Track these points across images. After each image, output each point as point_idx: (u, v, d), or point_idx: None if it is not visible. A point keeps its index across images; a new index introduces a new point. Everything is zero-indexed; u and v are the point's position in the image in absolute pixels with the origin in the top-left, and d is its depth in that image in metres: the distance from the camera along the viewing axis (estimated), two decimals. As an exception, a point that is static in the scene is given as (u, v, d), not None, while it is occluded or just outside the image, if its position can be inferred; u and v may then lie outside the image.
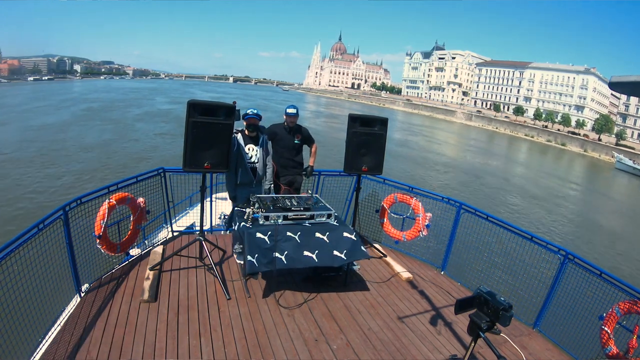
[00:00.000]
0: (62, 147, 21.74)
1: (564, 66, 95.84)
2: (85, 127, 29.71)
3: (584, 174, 44.43)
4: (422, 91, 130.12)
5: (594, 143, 68.78)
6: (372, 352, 3.34)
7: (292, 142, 5.19)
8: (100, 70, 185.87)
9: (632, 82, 1.90)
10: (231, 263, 4.56)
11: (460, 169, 30.62)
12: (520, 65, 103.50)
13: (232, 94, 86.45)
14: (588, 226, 19.82)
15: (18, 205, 12.62)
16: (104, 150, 21.99)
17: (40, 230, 3.12)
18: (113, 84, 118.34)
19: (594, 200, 29.36)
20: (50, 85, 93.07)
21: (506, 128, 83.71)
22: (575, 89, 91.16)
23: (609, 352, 3.48)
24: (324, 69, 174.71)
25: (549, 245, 4.21)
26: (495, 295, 2.18)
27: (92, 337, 3.08)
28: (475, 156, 40.08)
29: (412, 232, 5.22)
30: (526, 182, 29.75)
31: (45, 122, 31.07)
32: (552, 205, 22.89)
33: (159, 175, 4.75)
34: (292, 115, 5.10)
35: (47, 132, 26.39)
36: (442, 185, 22.63)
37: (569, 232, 17.78)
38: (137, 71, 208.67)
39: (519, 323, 4.20)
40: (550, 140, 73.55)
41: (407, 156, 32.54)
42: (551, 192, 27.17)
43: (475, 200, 18.36)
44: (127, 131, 29.53)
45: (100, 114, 38.54)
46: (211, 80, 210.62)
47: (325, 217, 4.10)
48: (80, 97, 58.62)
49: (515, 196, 23.54)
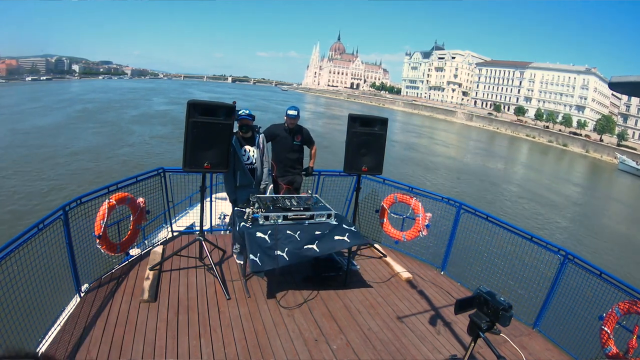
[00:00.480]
0: (49, 154, 19.50)
1: (564, 66, 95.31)
2: (77, 130, 27.73)
3: (587, 175, 43.97)
4: (421, 91, 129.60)
5: (596, 144, 68.23)
6: (372, 352, 3.34)
7: (292, 143, 5.17)
8: (99, 71, 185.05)
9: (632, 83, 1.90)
10: (231, 263, 4.56)
11: (464, 171, 29.91)
12: (521, 65, 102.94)
13: (231, 94, 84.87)
14: (593, 228, 19.58)
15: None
16: (94, 156, 20.23)
17: (40, 230, 3.12)
18: (111, 84, 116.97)
19: (598, 202, 28.98)
20: (47, 86, 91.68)
21: (507, 128, 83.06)
22: (576, 89, 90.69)
23: (609, 352, 3.48)
24: (322, 68, 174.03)
25: (549, 246, 4.21)
26: (495, 295, 2.18)
27: (92, 337, 3.08)
28: (476, 158, 39.67)
29: (412, 232, 5.22)
30: (529, 184, 29.30)
31: (36, 124, 29.23)
32: (556, 208, 22.71)
33: (158, 175, 4.75)
34: (293, 117, 5.08)
35: (36, 136, 24.31)
36: (447, 189, 21.90)
37: (573, 235, 17.61)
38: (136, 71, 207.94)
39: (518, 323, 4.20)
40: (552, 141, 72.95)
41: (411, 159, 31.46)
42: (555, 194, 26.84)
43: (480, 204, 17.97)
44: (123, 135, 27.71)
45: (95, 116, 36.70)
46: (210, 80, 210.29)
47: (325, 217, 4.10)
48: (76, 98, 56.55)
49: (518, 199, 23.22)
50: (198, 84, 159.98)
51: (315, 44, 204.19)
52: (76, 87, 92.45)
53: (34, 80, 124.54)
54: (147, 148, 24.20)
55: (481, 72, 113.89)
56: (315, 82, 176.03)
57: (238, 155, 4.51)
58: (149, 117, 38.76)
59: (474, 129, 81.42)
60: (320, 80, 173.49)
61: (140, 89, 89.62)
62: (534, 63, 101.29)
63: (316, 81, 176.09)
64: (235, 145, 4.46)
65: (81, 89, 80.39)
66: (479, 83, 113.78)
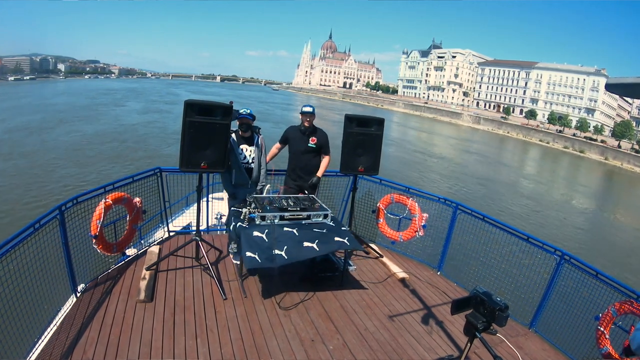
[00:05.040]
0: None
1: (573, 67, 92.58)
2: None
3: (614, 187, 40.82)
4: (420, 91, 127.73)
5: (615, 150, 64.60)
6: (368, 353, 3.35)
7: (305, 145, 4.82)
8: (85, 70, 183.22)
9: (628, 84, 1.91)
10: (227, 263, 4.55)
11: (482, 184, 27.98)
12: (527, 66, 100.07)
13: (224, 95, 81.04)
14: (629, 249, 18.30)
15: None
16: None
17: (36, 230, 3.11)
18: (92, 84, 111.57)
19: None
20: (21, 87, 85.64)
21: (518, 133, 78.82)
22: (586, 91, 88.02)
23: (605, 352, 3.50)
24: (314, 67, 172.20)
25: (545, 246, 4.22)
26: (492, 296, 2.19)
27: (89, 337, 3.06)
28: (488, 167, 36.81)
29: (409, 233, 5.23)
30: (554, 199, 27.70)
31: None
32: (591, 227, 21.28)
33: (155, 175, 4.73)
34: (308, 113, 4.78)
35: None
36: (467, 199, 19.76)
37: (606, 255, 16.29)
38: (123, 70, 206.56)
39: (515, 323, 4.22)
40: (567, 147, 69.26)
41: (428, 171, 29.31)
42: (587, 212, 25.26)
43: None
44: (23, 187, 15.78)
45: (20, 140, 24.55)
46: (198, 79, 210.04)
47: (322, 217, 4.10)
48: (34, 103, 47.02)
49: (546, 217, 21.54)
50: (186, 83, 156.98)
51: (306, 43, 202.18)
52: (51, 88, 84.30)
53: (16, 80, 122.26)
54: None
55: (484, 72, 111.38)
56: (306, 81, 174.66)
57: (235, 153, 4.50)
58: (101, 139, 26.78)
59: (481, 133, 77.35)
60: (312, 79, 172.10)
61: (120, 90, 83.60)
62: (540, 63, 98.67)
63: (307, 80, 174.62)
64: (233, 144, 4.46)
65: (52, 91, 72.71)
66: (482, 83, 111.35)
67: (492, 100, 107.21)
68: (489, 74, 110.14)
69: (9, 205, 13.65)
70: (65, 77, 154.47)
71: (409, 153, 36.01)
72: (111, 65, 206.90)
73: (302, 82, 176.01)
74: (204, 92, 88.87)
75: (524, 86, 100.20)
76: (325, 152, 4.97)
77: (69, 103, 49.99)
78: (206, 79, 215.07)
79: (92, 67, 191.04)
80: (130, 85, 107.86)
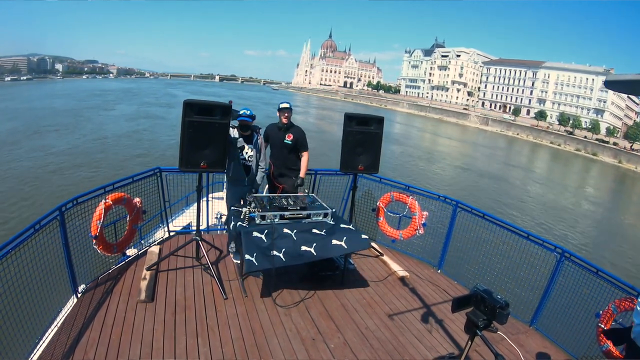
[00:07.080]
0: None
1: (581, 67, 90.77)
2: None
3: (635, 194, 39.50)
4: (423, 91, 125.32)
5: (629, 153, 62.96)
6: (369, 351, 3.35)
7: (282, 141, 4.91)
8: (83, 70, 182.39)
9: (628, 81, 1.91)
10: (228, 263, 4.55)
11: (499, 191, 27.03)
12: (533, 65, 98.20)
13: (223, 95, 75.94)
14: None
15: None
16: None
17: (36, 231, 3.11)
18: (89, 84, 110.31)
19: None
20: (15, 88, 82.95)
21: (528, 134, 77.28)
22: (594, 92, 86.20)
23: (605, 350, 3.50)
24: (314, 67, 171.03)
25: (545, 244, 4.22)
26: (492, 293, 2.19)
27: (89, 338, 3.07)
28: (506, 169, 35.76)
29: (409, 231, 5.23)
30: (573, 207, 26.91)
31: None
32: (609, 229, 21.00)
33: (155, 175, 4.73)
34: (285, 109, 4.86)
35: None
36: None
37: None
38: (122, 70, 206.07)
39: (515, 321, 4.22)
40: (580, 149, 67.66)
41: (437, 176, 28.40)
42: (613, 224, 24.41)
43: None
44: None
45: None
46: (197, 79, 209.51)
47: (322, 215, 4.10)
48: (13, 108, 41.96)
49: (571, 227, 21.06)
50: (185, 83, 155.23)
51: (305, 42, 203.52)
52: (45, 89, 79.55)
53: (13, 80, 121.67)
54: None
55: (489, 72, 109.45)
56: (306, 80, 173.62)
57: (233, 148, 4.49)
58: (60, 169, 19.06)
59: (490, 135, 75.23)
60: (312, 79, 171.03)
61: (115, 91, 79.54)
62: (547, 63, 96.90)
63: (307, 80, 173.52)
64: (231, 138, 4.45)
65: (45, 92, 68.37)
66: (487, 83, 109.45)
67: (498, 100, 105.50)
68: (494, 74, 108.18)
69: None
70: (63, 78, 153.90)
71: (414, 159, 34.47)
72: (109, 65, 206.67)
73: (301, 82, 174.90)
74: (203, 93, 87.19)
75: (530, 86, 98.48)
76: (302, 148, 5.04)
77: (52, 107, 44.75)
78: (205, 78, 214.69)
79: (90, 67, 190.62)
80: (126, 86, 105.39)
